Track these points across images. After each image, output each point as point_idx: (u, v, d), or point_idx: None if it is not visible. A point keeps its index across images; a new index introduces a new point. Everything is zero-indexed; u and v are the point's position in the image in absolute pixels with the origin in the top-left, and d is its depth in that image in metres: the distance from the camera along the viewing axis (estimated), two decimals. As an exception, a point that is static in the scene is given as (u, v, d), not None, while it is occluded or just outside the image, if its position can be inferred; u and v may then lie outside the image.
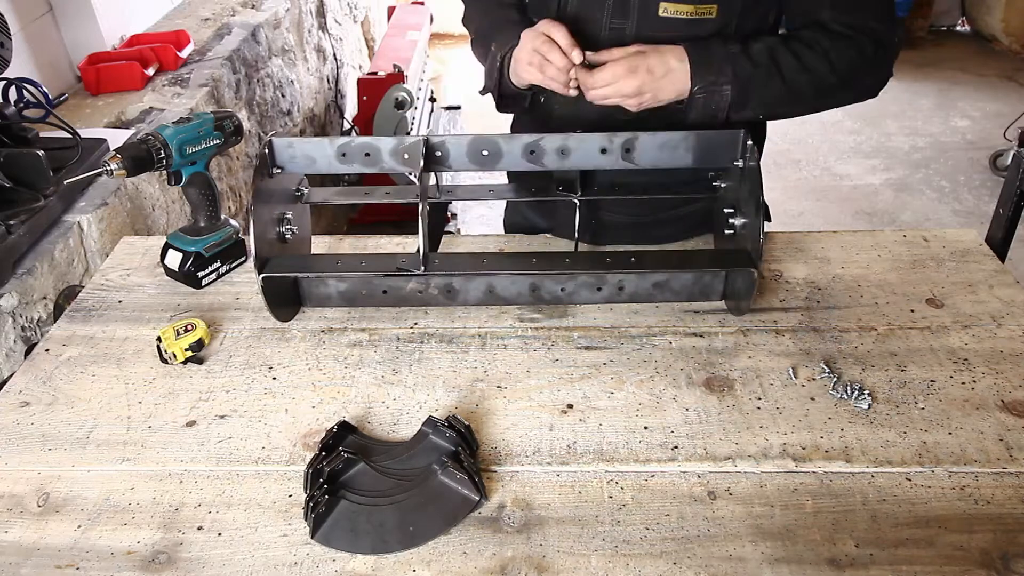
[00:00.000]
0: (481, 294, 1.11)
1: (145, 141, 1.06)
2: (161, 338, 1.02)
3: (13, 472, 0.89)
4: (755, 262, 0.98)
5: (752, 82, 1.03)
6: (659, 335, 1.06)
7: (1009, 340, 1.03)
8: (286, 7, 2.83)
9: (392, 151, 1.06)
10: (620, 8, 1.06)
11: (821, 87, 1.05)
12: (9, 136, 1.45)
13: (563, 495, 0.84)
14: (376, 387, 0.99)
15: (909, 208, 3.55)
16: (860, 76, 1.07)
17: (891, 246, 1.23)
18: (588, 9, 1.08)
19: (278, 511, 0.83)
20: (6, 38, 1.47)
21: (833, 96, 1.09)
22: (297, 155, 1.06)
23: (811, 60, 1.03)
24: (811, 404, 0.94)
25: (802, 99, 1.07)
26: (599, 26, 1.08)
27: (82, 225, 1.46)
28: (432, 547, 0.79)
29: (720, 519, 0.81)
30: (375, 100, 3.05)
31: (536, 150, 1.06)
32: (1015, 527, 0.79)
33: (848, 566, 0.76)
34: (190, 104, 1.96)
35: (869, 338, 1.04)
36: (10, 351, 1.26)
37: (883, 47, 1.06)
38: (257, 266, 0.99)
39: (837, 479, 0.85)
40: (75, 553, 0.79)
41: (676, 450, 0.89)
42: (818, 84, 1.05)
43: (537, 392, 0.97)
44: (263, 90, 2.54)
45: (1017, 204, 1.30)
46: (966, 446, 0.88)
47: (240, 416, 0.95)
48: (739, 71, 1.02)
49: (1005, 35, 4.95)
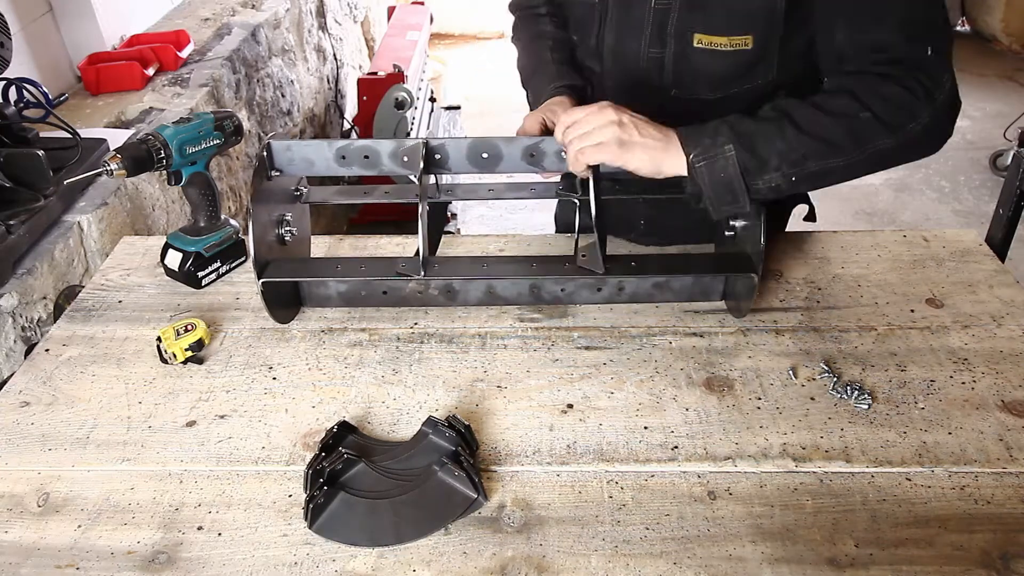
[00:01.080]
0: (481, 295, 1.11)
1: (145, 141, 1.06)
2: (161, 338, 1.02)
3: (13, 472, 0.89)
4: (755, 266, 0.98)
5: (758, 137, 0.91)
6: (659, 335, 1.06)
7: (1009, 340, 1.03)
8: (286, 7, 2.83)
9: (391, 154, 1.06)
10: (657, 38, 1.05)
11: (857, 131, 0.91)
12: (9, 136, 1.45)
13: (563, 495, 0.84)
14: (376, 387, 0.99)
15: (909, 208, 3.55)
16: (902, 110, 0.91)
17: (891, 246, 1.23)
18: (625, 38, 1.08)
19: (278, 511, 0.83)
20: (6, 38, 1.47)
21: (878, 139, 0.92)
22: (295, 158, 1.06)
23: (834, 104, 0.92)
24: (811, 404, 0.94)
25: (840, 150, 0.92)
26: (637, 56, 1.08)
27: (82, 225, 1.46)
28: (432, 547, 0.79)
29: (720, 519, 0.81)
30: (375, 100, 3.05)
31: (536, 153, 1.06)
32: (1015, 527, 0.79)
33: (848, 566, 0.76)
34: (190, 104, 1.96)
35: (869, 338, 1.04)
36: (10, 351, 1.26)
37: (919, 71, 0.91)
38: (257, 269, 0.99)
39: (837, 479, 0.85)
40: (75, 553, 0.79)
41: (676, 450, 0.89)
42: (851, 128, 0.91)
43: (537, 392, 0.97)
44: (263, 90, 2.54)
45: (1017, 204, 1.30)
46: (966, 446, 0.88)
47: (240, 416, 0.95)
48: (738, 128, 0.92)
49: (1005, 35, 4.95)
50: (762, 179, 0.92)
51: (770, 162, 0.91)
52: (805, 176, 0.92)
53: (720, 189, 0.93)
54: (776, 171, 0.92)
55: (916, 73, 0.92)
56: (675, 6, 1.02)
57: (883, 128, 0.91)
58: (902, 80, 0.92)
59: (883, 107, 0.91)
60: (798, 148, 0.91)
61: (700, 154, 0.92)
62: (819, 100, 0.93)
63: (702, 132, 0.93)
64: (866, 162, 0.93)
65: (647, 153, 0.93)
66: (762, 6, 0.98)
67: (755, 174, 0.92)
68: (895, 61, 0.93)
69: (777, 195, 0.94)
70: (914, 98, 0.91)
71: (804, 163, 0.92)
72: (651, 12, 1.04)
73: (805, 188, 0.97)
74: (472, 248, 1.25)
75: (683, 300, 1.11)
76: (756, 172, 0.91)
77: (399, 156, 1.06)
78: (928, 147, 0.96)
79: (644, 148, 0.93)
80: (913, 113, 0.92)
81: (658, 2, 1.03)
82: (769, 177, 0.92)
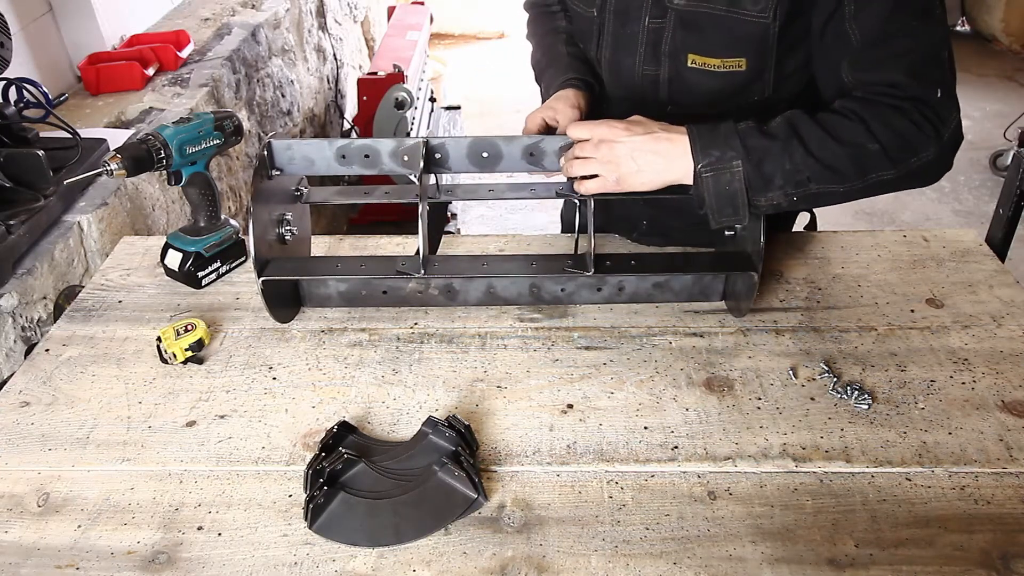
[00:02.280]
0: (481, 294, 1.11)
1: (145, 141, 1.06)
2: (161, 338, 1.02)
3: (13, 472, 0.89)
4: (755, 265, 0.98)
5: (769, 156, 0.91)
6: (659, 335, 1.06)
7: (1009, 340, 1.03)
8: (286, 7, 2.83)
9: (392, 153, 1.06)
10: (652, 56, 1.06)
11: (863, 160, 0.91)
12: (9, 136, 1.45)
13: (563, 495, 0.84)
14: (376, 387, 0.99)
15: (909, 208, 3.55)
16: (909, 146, 0.92)
17: (891, 246, 1.23)
18: (621, 54, 1.09)
19: (278, 511, 0.83)
20: (6, 38, 1.47)
21: (881, 169, 0.92)
22: (296, 157, 1.06)
23: (846, 131, 0.91)
24: (811, 404, 0.94)
25: (844, 177, 0.92)
26: (633, 72, 1.09)
27: (82, 225, 1.46)
28: (432, 547, 0.79)
29: (720, 519, 0.81)
30: (375, 100, 3.05)
31: (536, 152, 1.06)
32: (1015, 527, 0.79)
33: (848, 566, 0.76)
34: (190, 104, 1.96)
35: (869, 338, 1.04)
36: (10, 351, 1.26)
37: (928, 108, 0.91)
38: (257, 268, 0.99)
39: (837, 479, 0.85)
40: (75, 553, 0.79)
41: (676, 450, 0.89)
42: (858, 157, 0.91)
43: (537, 392, 0.97)
44: (263, 90, 2.54)
45: (1017, 204, 1.30)
46: (966, 446, 0.88)
47: (240, 416, 0.95)
48: (749, 143, 0.91)
49: (1005, 35, 4.95)
50: (764, 196, 0.93)
51: (775, 181, 0.92)
52: (805, 196, 0.93)
53: (723, 201, 0.93)
54: (779, 190, 0.92)
55: (926, 111, 0.92)
56: (669, 26, 1.02)
57: (888, 161, 0.92)
58: (912, 115, 0.91)
59: (892, 141, 0.91)
60: (804, 170, 0.91)
61: (708, 165, 0.92)
62: (830, 123, 0.92)
63: (713, 141, 0.92)
64: (864, 189, 0.94)
65: (647, 178, 0.95)
66: (754, 32, 0.98)
67: (759, 191, 0.92)
68: (907, 98, 0.92)
69: (775, 211, 0.95)
70: (923, 135, 0.91)
71: (807, 185, 0.92)
72: (645, 31, 1.05)
73: (802, 207, 0.98)
74: (472, 248, 1.25)
75: (683, 300, 1.11)
76: (760, 189, 0.92)
77: (399, 155, 1.06)
78: (927, 179, 0.96)
79: (641, 175, 0.95)
80: (918, 149, 0.92)
81: (652, 21, 1.03)
82: (772, 195, 0.93)
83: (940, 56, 0.93)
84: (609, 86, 1.15)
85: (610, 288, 1.10)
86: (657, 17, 1.03)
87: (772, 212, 0.95)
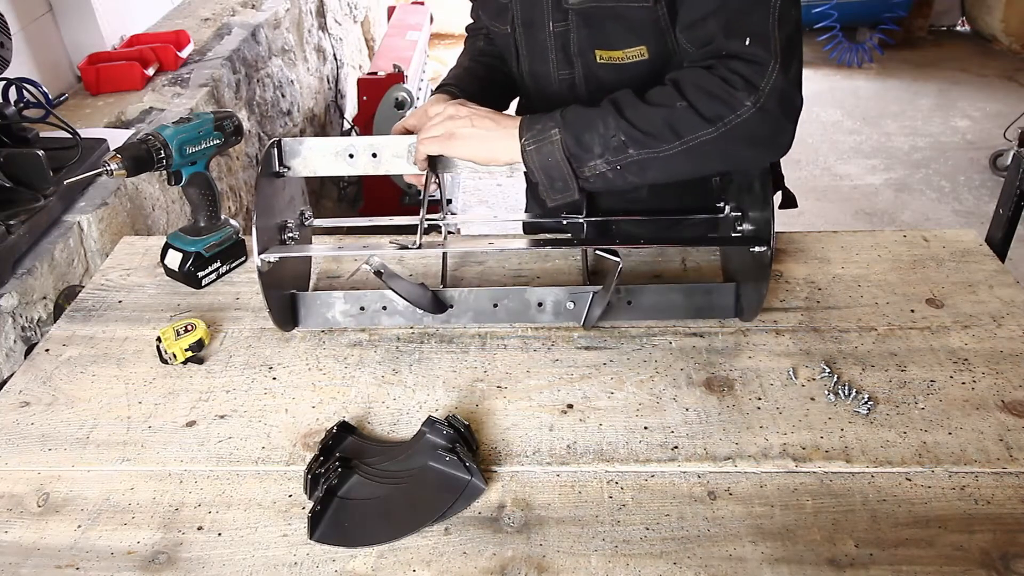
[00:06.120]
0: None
1: (145, 141, 1.06)
2: (161, 338, 1.02)
3: (13, 472, 0.89)
4: (766, 276, 0.97)
5: (585, 124, 0.92)
6: (659, 335, 1.06)
7: (1009, 340, 1.03)
8: (286, 7, 2.83)
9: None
10: (564, 60, 1.08)
11: (674, 120, 0.89)
12: (9, 136, 1.45)
13: (563, 495, 0.84)
14: (376, 387, 0.99)
15: (909, 208, 3.55)
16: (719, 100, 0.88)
17: (891, 246, 1.23)
18: (536, 63, 1.12)
19: (278, 511, 0.83)
20: (6, 38, 1.47)
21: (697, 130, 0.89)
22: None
23: (656, 93, 0.91)
24: (811, 404, 0.94)
25: (659, 139, 0.90)
26: (550, 79, 1.12)
27: (82, 225, 1.46)
28: (432, 547, 0.79)
29: (720, 519, 0.81)
30: (375, 100, 3.05)
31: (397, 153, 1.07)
32: (1015, 527, 0.79)
33: (848, 566, 0.76)
34: (190, 104, 1.96)
35: (869, 338, 1.04)
36: (10, 351, 1.26)
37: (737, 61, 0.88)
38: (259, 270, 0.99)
39: (837, 479, 0.85)
40: (75, 553, 0.79)
41: (676, 450, 0.89)
42: (668, 117, 0.89)
43: (537, 392, 0.97)
44: (263, 90, 2.54)
45: (1017, 204, 1.30)
46: (966, 446, 0.88)
47: (240, 416, 0.95)
48: (568, 115, 0.93)
49: (1005, 35, 4.95)
50: (587, 166, 0.93)
51: (594, 149, 0.92)
52: (627, 165, 0.92)
53: (550, 173, 0.95)
54: (600, 158, 0.92)
55: (733, 63, 0.89)
56: (572, 27, 1.04)
57: (700, 119, 0.89)
58: (720, 71, 0.89)
59: (697, 95, 0.89)
60: (618, 135, 0.91)
61: (530, 138, 0.95)
62: (648, 92, 0.93)
63: (537, 119, 0.95)
64: (686, 155, 0.91)
65: (478, 143, 0.97)
66: (645, 18, 0.99)
67: (581, 160, 0.93)
68: (716, 54, 0.91)
69: (607, 186, 0.95)
70: (731, 88, 0.88)
71: (625, 151, 0.91)
72: (552, 36, 1.07)
73: (634, 180, 0.95)
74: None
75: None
76: (581, 158, 0.93)
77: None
78: (760, 144, 0.91)
79: (474, 139, 0.97)
80: (731, 104, 0.88)
81: (556, 25, 1.06)
82: (594, 164, 0.93)
83: (760, 7, 0.89)
84: (533, 98, 1.18)
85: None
86: (560, 21, 1.05)
87: (605, 186, 0.95)
